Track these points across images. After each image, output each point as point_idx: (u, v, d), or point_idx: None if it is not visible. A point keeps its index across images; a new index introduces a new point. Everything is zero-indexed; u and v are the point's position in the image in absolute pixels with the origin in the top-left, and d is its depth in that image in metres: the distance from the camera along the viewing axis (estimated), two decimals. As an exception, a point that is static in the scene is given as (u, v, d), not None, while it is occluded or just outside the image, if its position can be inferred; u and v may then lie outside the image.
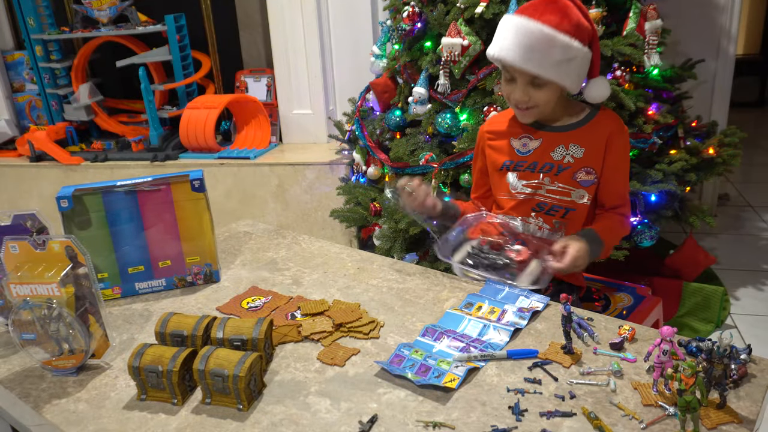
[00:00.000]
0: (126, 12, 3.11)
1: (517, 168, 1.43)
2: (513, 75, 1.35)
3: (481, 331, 1.11)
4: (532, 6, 1.31)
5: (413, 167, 2.12)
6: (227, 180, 2.94)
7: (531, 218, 1.43)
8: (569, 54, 1.29)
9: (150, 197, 1.30)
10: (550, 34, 1.27)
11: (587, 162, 1.38)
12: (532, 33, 1.28)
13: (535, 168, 1.41)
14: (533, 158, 1.41)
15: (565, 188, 1.39)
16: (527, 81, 1.33)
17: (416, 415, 0.91)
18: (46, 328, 1.05)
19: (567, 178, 1.39)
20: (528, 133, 1.43)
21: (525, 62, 1.30)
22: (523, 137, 1.43)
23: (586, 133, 1.38)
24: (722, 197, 3.31)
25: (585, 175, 1.38)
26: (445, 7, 2.09)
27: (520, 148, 1.43)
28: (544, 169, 1.40)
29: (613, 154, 1.38)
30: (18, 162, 3.20)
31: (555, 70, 1.30)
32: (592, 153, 1.37)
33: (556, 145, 1.39)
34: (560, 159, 1.39)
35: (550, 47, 1.28)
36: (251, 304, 1.27)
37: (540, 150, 1.40)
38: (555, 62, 1.29)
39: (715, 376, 0.89)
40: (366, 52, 2.67)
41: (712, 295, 2.26)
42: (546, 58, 1.29)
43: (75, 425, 0.94)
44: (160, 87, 3.19)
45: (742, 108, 4.99)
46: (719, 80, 2.93)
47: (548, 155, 1.39)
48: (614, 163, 1.38)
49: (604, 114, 1.41)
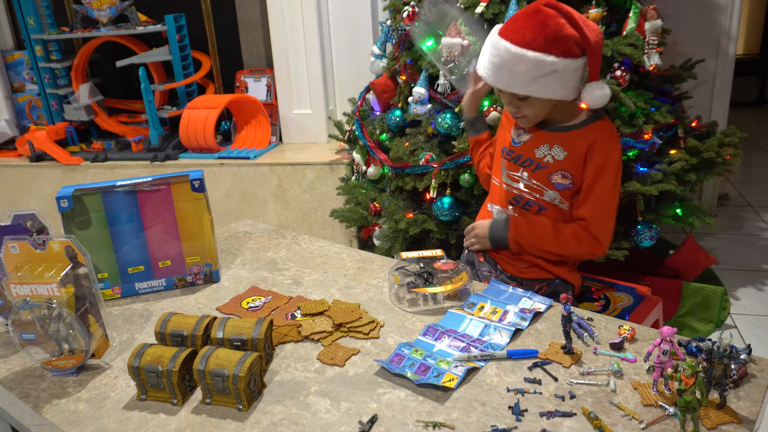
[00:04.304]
0: (126, 12, 3.11)
1: (506, 157, 1.47)
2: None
3: (482, 331, 1.11)
4: (512, 21, 1.32)
5: (413, 167, 2.12)
6: (227, 180, 2.94)
7: (509, 209, 1.48)
8: (543, 69, 1.27)
9: (150, 197, 1.30)
10: (517, 53, 1.27)
11: (566, 166, 1.38)
12: (499, 52, 1.30)
13: (518, 160, 1.44)
14: (520, 150, 1.44)
15: (539, 186, 1.41)
16: (510, 94, 1.36)
17: (416, 415, 0.91)
18: (46, 328, 1.05)
19: (543, 177, 1.40)
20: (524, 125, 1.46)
21: (495, 81, 1.34)
22: (520, 128, 1.47)
23: (573, 137, 1.38)
24: (722, 197, 3.31)
25: (561, 178, 1.39)
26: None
27: (515, 138, 1.47)
28: (525, 164, 1.43)
29: (592, 165, 1.36)
30: (18, 162, 3.20)
31: (529, 86, 1.30)
32: (572, 158, 1.38)
33: (541, 143, 1.41)
34: (541, 157, 1.40)
35: (517, 65, 1.28)
36: (251, 304, 1.27)
37: (528, 144, 1.43)
38: (528, 79, 1.29)
39: (715, 376, 0.89)
40: (366, 52, 2.67)
41: (712, 295, 2.26)
42: (515, 76, 1.30)
43: (75, 425, 0.94)
44: (160, 87, 3.19)
45: (742, 108, 4.99)
46: (719, 80, 2.93)
47: (532, 151, 1.42)
48: (591, 176, 1.36)
49: (599, 124, 1.40)
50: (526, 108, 1.36)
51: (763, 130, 4.75)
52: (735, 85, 3.00)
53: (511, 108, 1.38)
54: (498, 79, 1.33)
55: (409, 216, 2.09)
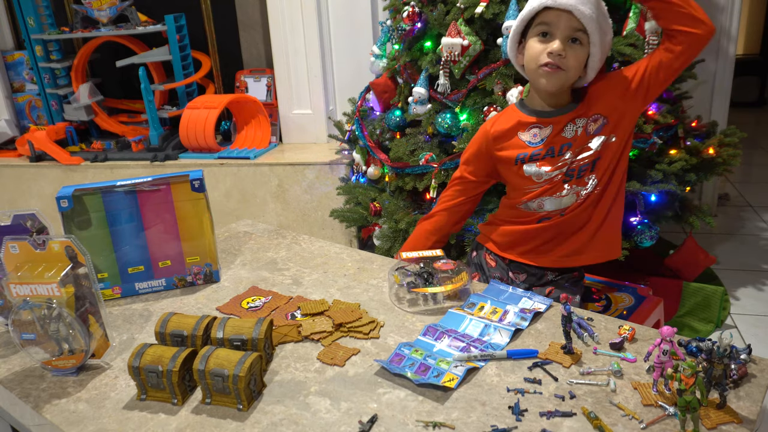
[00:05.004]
0: (126, 12, 3.11)
1: (534, 158, 1.42)
2: (552, 29, 1.33)
3: (482, 331, 1.11)
4: None
5: (413, 167, 2.12)
6: (227, 180, 2.94)
7: (565, 190, 1.41)
8: (606, 25, 1.35)
9: (150, 197, 1.30)
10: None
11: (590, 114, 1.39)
12: None
13: (553, 152, 1.40)
14: (549, 144, 1.40)
15: (583, 146, 1.39)
16: (567, 35, 1.32)
17: (416, 415, 0.91)
18: (46, 328, 1.05)
19: (582, 138, 1.39)
20: (537, 123, 1.42)
21: (581, 3, 1.29)
22: (532, 128, 1.42)
23: (584, 105, 1.40)
24: (722, 197, 3.31)
25: (593, 124, 1.38)
26: (445, 7, 2.09)
27: (531, 140, 1.42)
28: (563, 149, 1.40)
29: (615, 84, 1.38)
30: (18, 162, 3.20)
31: (596, 28, 1.32)
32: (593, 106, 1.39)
33: (564, 124, 1.39)
34: (573, 134, 1.39)
35: (599, 6, 1.33)
36: (251, 304, 1.27)
37: (553, 135, 1.40)
38: (597, 23, 1.32)
39: (715, 376, 0.89)
40: (366, 52, 2.67)
41: (712, 295, 2.26)
42: (594, 12, 1.31)
43: (75, 425, 0.94)
44: (160, 87, 3.19)
45: (742, 108, 4.99)
46: (719, 80, 2.93)
47: (561, 136, 1.40)
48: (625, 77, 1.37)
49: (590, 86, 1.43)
50: (572, 56, 1.33)
51: (763, 130, 4.75)
52: (735, 85, 3.00)
53: (559, 49, 1.32)
54: (586, 3, 1.30)
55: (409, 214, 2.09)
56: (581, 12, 1.29)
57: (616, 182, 1.43)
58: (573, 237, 1.45)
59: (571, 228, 1.44)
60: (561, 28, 1.32)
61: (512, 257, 1.51)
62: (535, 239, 1.48)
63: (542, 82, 1.36)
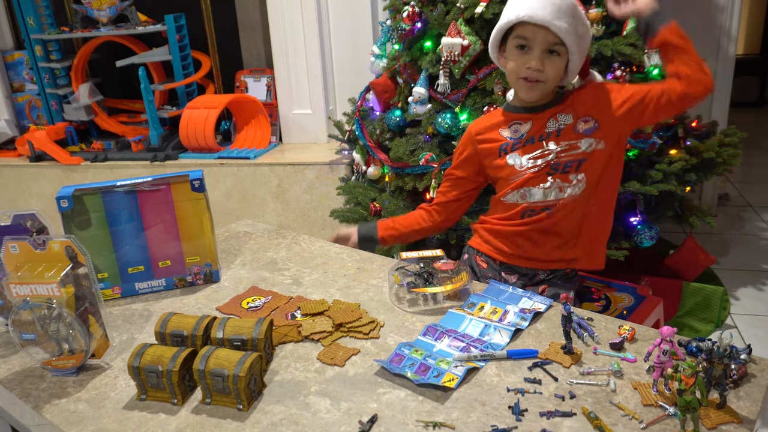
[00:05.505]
0: (126, 12, 3.11)
1: (516, 147, 1.44)
2: (530, 43, 1.35)
3: (483, 331, 1.11)
4: None
5: (413, 167, 2.12)
6: (227, 180, 2.94)
7: (548, 182, 1.41)
8: (583, 29, 1.35)
9: (150, 197, 1.30)
10: (574, 2, 1.32)
11: (581, 115, 1.40)
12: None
13: (534, 140, 1.42)
14: (529, 135, 1.43)
15: (571, 143, 1.40)
16: (544, 49, 1.34)
17: (416, 415, 0.91)
18: (46, 328, 1.05)
19: (570, 134, 1.40)
20: (516, 119, 1.45)
21: (557, 18, 1.31)
22: (513, 124, 1.46)
23: (569, 103, 1.42)
24: (722, 197, 3.31)
25: (584, 124, 1.40)
26: (445, 7, 2.09)
27: (512, 135, 1.45)
28: (543, 137, 1.42)
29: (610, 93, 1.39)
30: (18, 162, 3.21)
31: (573, 38, 1.33)
32: (582, 109, 1.40)
33: (546, 120, 1.42)
34: (556, 129, 1.41)
35: (575, 15, 1.33)
36: (251, 304, 1.27)
37: (534, 128, 1.43)
38: (574, 32, 1.33)
39: (715, 376, 0.89)
40: (366, 52, 2.67)
41: (712, 295, 2.26)
42: (570, 23, 1.32)
43: (75, 425, 0.94)
44: (160, 87, 3.19)
45: (742, 108, 4.99)
46: (719, 80, 2.93)
47: (542, 130, 1.42)
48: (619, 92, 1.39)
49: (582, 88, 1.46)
50: (551, 68, 1.35)
51: (763, 130, 4.75)
52: (735, 85, 3.00)
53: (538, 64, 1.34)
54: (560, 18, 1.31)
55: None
56: (557, 27, 1.31)
57: (603, 195, 1.45)
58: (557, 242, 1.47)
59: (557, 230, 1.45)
60: (538, 42, 1.34)
61: (502, 259, 1.52)
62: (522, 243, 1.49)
63: (523, 93, 1.42)
